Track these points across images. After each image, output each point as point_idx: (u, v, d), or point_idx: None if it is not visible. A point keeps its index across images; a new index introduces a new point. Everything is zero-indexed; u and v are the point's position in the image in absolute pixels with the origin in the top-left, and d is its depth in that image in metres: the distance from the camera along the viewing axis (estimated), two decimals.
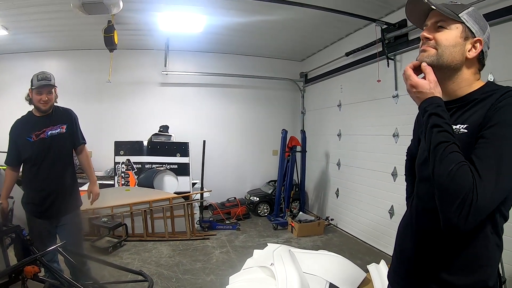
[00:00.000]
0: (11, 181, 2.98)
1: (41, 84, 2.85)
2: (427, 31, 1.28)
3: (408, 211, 1.50)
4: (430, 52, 1.26)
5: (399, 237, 1.50)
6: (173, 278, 4.00)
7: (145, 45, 6.87)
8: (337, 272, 3.66)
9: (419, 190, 1.40)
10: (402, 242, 1.46)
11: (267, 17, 5.20)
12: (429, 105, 1.17)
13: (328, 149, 6.72)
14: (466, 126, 1.18)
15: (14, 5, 4.61)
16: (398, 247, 1.50)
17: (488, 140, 1.08)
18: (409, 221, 1.43)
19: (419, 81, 1.22)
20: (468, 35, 1.23)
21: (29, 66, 6.26)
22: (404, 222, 1.49)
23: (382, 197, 4.94)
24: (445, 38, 1.23)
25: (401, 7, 4.59)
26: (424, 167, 1.34)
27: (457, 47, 1.23)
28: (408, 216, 1.46)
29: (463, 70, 1.26)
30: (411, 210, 1.43)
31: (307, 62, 7.80)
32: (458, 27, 1.23)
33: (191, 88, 7.45)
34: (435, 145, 1.09)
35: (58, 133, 2.97)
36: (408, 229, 1.42)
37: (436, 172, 1.07)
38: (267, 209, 7.04)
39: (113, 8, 3.95)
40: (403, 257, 1.43)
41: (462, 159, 1.04)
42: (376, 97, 5.19)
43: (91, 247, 4.73)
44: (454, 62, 1.24)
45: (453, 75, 1.27)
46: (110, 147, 6.15)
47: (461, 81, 1.27)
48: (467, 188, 1.00)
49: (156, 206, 5.46)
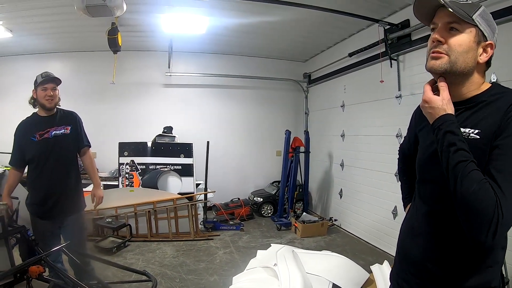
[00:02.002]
0: (14, 181, 3.00)
1: (46, 78, 2.90)
2: (439, 33, 1.21)
3: (410, 213, 1.49)
4: (442, 60, 1.20)
5: (402, 239, 1.49)
6: (177, 278, 4.02)
7: (148, 47, 6.90)
8: (340, 273, 3.66)
9: (422, 192, 1.38)
10: (405, 244, 1.45)
11: (270, 18, 5.20)
12: (442, 123, 1.15)
13: (332, 150, 6.71)
14: (477, 131, 1.16)
15: (18, 8, 4.64)
16: (401, 249, 1.48)
17: (505, 152, 1.08)
18: (413, 224, 1.41)
19: (432, 97, 1.21)
20: (480, 39, 1.19)
21: (33, 68, 6.28)
22: (407, 224, 1.48)
23: (386, 197, 4.93)
24: (459, 44, 1.18)
25: (404, 8, 4.59)
26: (428, 169, 1.33)
27: (470, 53, 1.19)
28: (411, 218, 1.45)
29: (474, 74, 1.23)
30: (414, 212, 1.42)
31: (310, 62, 7.79)
32: (471, 31, 1.18)
33: (195, 89, 7.47)
34: (454, 165, 1.08)
35: (62, 134, 2.99)
36: (412, 231, 1.41)
37: (459, 192, 1.05)
38: (270, 210, 7.04)
39: (117, 10, 3.96)
40: (406, 260, 1.42)
41: (482, 176, 1.04)
42: (379, 97, 5.19)
43: (95, 248, 4.76)
44: (466, 68, 1.20)
45: (464, 80, 1.24)
46: (114, 148, 6.17)
47: (470, 85, 1.24)
48: (492, 207, 1.00)
49: (160, 206, 5.48)
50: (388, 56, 4.79)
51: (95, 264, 3.22)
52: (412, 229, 1.41)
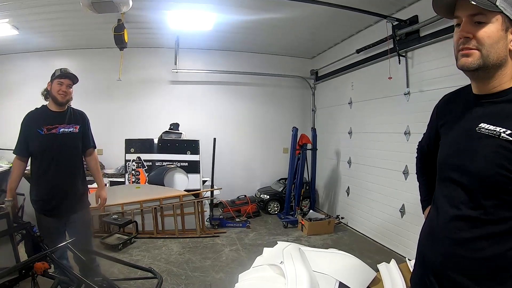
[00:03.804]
0: (18, 174, 2.95)
1: (64, 73, 2.92)
2: (465, 28, 1.13)
3: (430, 218, 1.40)
4: (474, 56, 1.12)
5: (422, 244, 1.41)
6: (183, 275, 4.02)
7: (155, 44, 6.90)
8: (347, 271, 3.63)
9: (448, 193, 1.27)
10: (427, 249, 1.36)
11: (277, 14, 5.17)
12: None
13: (339, 147, 6.67)
14: (510, 132, 1.07)
15: (24, 5, 4.65)
16: (422, 255, 1.40)
17: None
18: (433, 227, 1.33)
19: None
20: (508, 25, 1.10)
21: (39, 66, 6.36)
22: (429, 229, 1.38)
23: (393, 195, 4.88)
24: (488, 36, 1.10)
25: (412, 3, 4.53)
26: (453, 167, 1.25)
27: (500, 42, 1.10)
28: (433, 223, 1.34)
29: (507, 64, 1.14)
30: (435, 215, 1.33)
31: (317, 59, 7.74)
32: (497, 19, 1.09)
33: (201, 86, 7.46)
34: None
35: (70, 132, 2.98)
36: (432, 236, 1.33)
37: None
38: (277, 207, 7.03)
39: (123, 6, 3.96)
40: (425, 265, 1.35)
41: None
42: (387, 94, 5.13)
43: (102, 244, 4.78)
44: (499, 59, 1.12)
45: (497, 72, 1.15)
46: (121, 145, 6.20)
47: (503, 77, 1.16)
48: None
49: (166, 203, 5.48)
50: (397, 52, 4.73)
51: (101, 261, 3.23)
52: (432, 234, 1.33)
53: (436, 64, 4.14)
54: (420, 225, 1.47)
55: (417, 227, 4.05)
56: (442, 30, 3.99)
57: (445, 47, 4.00)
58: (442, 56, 4.04)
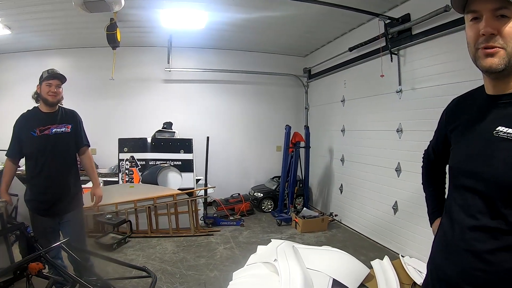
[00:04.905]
0: (11, 175, 3.00)
1: (51, 74, 2.93)
2: (489, 24, 1.02)
3: (443, 229, 1.30)
4: (499, 55, 1.02)
5: (436, 257, 1.32)
6: (177, 274, 4.02)
7: (148, 42, 6.86)
8: (340, 268, 3.66)
9: (463, 202, 1.17)
10: (441, 263, 1.26)
11: (270, 12, 5.17)
12: None
13: (332, 145, 6.70)
14: None
15: (16, 5, 4.61)
16: (435, 269, 1.30)
17: None
18: (450, 241, 1.21)
19: None
20: None
21: (32, 65, 6.28)
22: (443, 241, 1.28)
23: (386, 192, 4.92)
24: None
25: (404, 2, 4.56)
26: (467, 174, 1.17)
27: None
28: (447, 234, 1.24)
29: None
30: (449, 226, 1.23)
31: (310, 57, 7.76)
32: None
33: (194, 85, 7.44)
34: None
35: (62, 132, 3.00)
36: (447, 248, 1.23)
37: None
38: (271, 205, 7.05)
39: (115, 5, 3.95)
40: (442, 280, 1.24)
41: None
42: (379, 92, 5.16)
43: (96, 244, 4.77)
44: None
45: None
46: (114, 144, 6.17)
47: None
48: None
49: (160, 202, 5.48)
50: (389, 50, 4.76)
51: (95, 260, 3.23)
52: (447, 246, 1.23)
53: (428, 62, 4.18)
54: (412, 222, 1.48)
55: (410, 224, 4.12)
56: (434, 28, 4.02)
57: (437, 45, 4.04)
58: (434, 54, 4.07)
